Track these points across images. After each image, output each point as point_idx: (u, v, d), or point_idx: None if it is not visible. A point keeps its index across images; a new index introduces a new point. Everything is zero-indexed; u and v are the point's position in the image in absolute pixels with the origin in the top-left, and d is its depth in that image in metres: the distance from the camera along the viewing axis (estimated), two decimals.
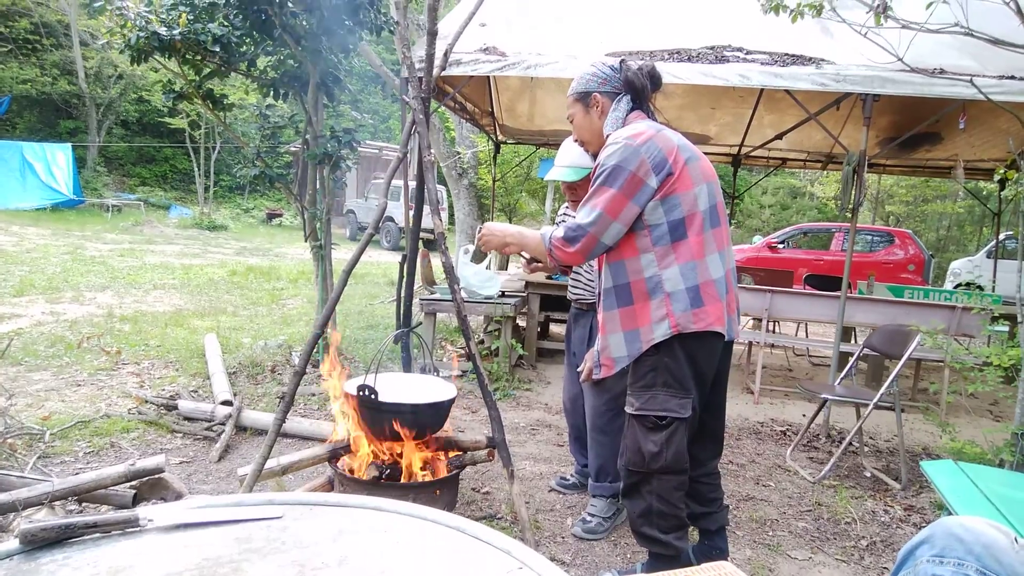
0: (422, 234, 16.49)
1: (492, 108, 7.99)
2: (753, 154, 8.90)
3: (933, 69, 4.65)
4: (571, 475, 3.38)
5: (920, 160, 8.83)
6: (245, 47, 4.62)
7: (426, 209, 12.56)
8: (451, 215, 9.86)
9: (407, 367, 2.93)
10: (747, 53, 5.01)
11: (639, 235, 2.11)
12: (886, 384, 3.69)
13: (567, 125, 7.99)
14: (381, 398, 2.33)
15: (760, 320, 6.01)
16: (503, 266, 9.92)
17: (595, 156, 2.27)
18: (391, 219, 17.33)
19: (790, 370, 6.78)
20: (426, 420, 2.43)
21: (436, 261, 9.32)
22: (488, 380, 5.03)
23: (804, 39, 5.02)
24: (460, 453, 2.72)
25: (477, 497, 3.14)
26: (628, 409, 2.20)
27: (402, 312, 2.79)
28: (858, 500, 3.50)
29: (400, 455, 2.48)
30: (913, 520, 3.30)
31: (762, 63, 4.80)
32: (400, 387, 2.66)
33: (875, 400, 3.69)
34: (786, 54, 4.91)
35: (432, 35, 2.53)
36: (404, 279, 2.79)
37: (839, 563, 2.84)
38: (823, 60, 4.82)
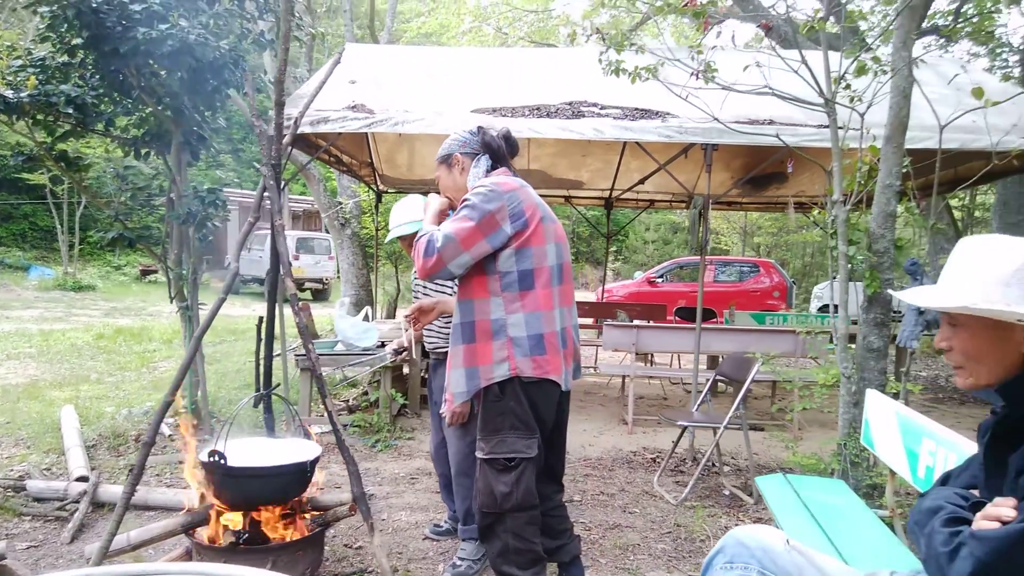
0: (310, 284, 16.34)
1: (371, 159, 8.10)
2: (623, 196, 9.45)
3: (764, 120, 5.22)
4: (445, 521, 3.44)
5: (772, 197, 9.69)
6: (103, 106, 4.52)
7: (313, 259, 12.63)
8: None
9: (271, 429, 2.92)
10: (602, 108, 5.42)
11: (491, 278, 2.27)
12: (733, 408, 4.02)
13: None
14: (232, 463, 2.33)
15: (639, 354, 6.37)
16: (391, 314, 9.93)
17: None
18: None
19: (665, 399, 7.16)
20: (282, 483, 2.45)
21: (320, 312, 9.21)
22: (369, 432, 5.07)
23: (654, 95, 5.49)
24: (323, 511, 2.74)
25: (349, 553, 3.14)
26: (479, 454, 2.33)
27: (263, 373, 2.80)
28: (714, 518, 3.77)
29: (259, 519, 2.47)
30: None
31: (614, 117, 5.21)
32: (261, 450, 2.67)
33: (724, 423, 4.02)
34: (636, 109, 5.35)
35: (280, 105, 2.63)
36: (264, 339, 2.81)
37: None
38: (669, 114, 5.29)
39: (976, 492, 1.43)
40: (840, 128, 3.47)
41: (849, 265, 3.38)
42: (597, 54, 4.23)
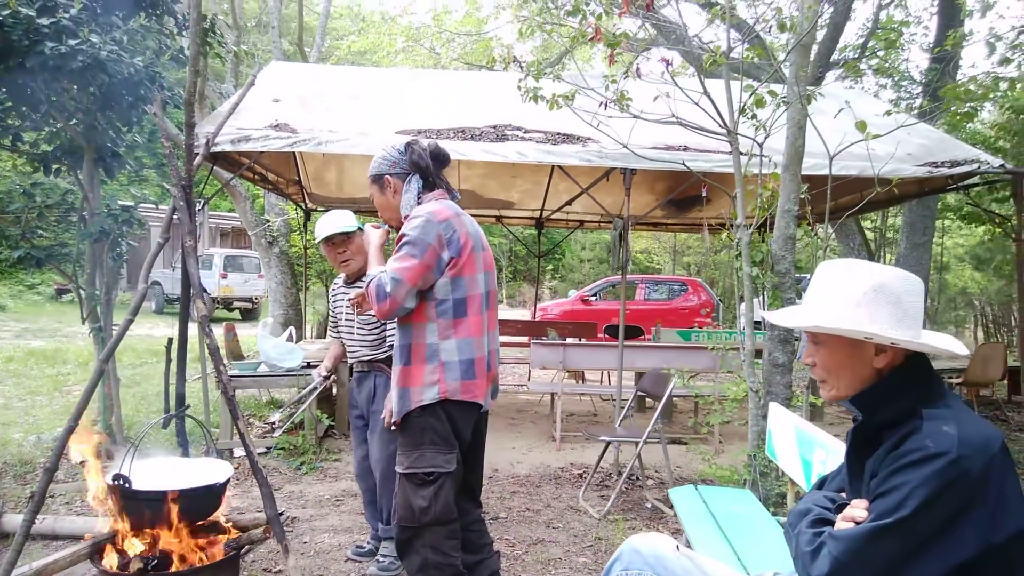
0: (239, 303, 15.92)
1: (299, 177, 8.01)
2: (553, 217, 9.63)
3: (679, 146, 5.45)
4: (368, 542, 3.45)
5: (695, 218, 10.05)
6: (10, 120, 4.35)
7: (243, 278, 12.32)
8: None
9: (184, 450, 2.86)
10: (525, 132, 5.55)
11: (428, 305, 2.34)
12: (651, 422, 4.16)
13: None
14: (137, 486, 2.28)
15: (569, 372, 6.48)
16: (322, 334, 9.77)
17: (397, 230, 2.48)
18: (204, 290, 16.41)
19: (595, 415, 7.29)
20: (192, 504, 2.40)
21: (245, 332, 8.98)
22: (294, 454, 4.98)
23: (576, 120, 5.63)
24: (238, 534, 2.69)
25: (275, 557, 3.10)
26: (398, 468, 2.36)
27: (173, 394, 2.75)
28: (635, 530, 3.88)
29: (167, 544, 2.41)
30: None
31: (537, 141, 5.34)
32: (171, 472, 2.61)
33: (644, 437, 4.14)
34: (559, 133, 5.50)
35: (190, 127, 2.62)
36: (174, 360, 2.76)
37: None
38: (590, 139, 5.45)
39: (844, 495, 1.56)
40: (743, 155, 3.68)
41: (754, 285, 3.58)
42: (517, 81, 4.35)
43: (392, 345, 3.16)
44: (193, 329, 3.16)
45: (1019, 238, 5.46)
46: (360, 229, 3.15)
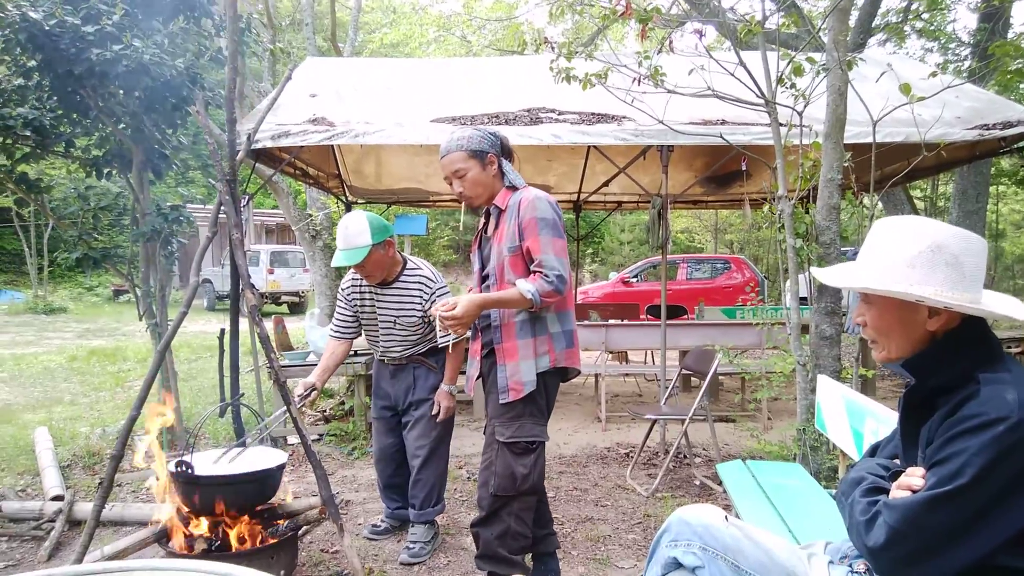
0: (286, 297, 16.25)
1: (338, 171, 8.13)
2: (591, 199, 9.57)
3: (717, 120, 5.36)
4: (381, 520, 3.56)
5: (736, 194, 9.87)
6: (62, 127, 4.53)
7: (288, 273, 12.60)
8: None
9: (240, 437, 2.97)
10: (559, 114, 5.53)
11: None
12: (697, 400, 4.13)
13: (415, 183, 8.26)
14: (199, 472, 2.39)
15: (612, 353, 6.46)
16: None
17: (475, 209, 2.63)
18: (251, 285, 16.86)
19: (640, 395, 7.27)
20: (250, 489, 2.50)
21: (293, 325, 9.21)
22: (345, 440, 5.11)
23: (610, 99, 5.59)
24: (294, 516, 2.79)
25: (325, 557, 3.19)
26: (500, 438, 2.48)
27: (227, 384, 2.85)
28: (683, 506, 3.87)
29: (229, 526, 2.52)
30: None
31: (571, 122, 5.31)
32: (229, 459, 2.71)
33: (690, 414, 4.13)
34: (593, 113, 5.46)
35: (231, 122, 2.69)
36: (226, 351, 2.86)
37: None
38: (625, 117, 5.40)
39: (898, 462, 1.53)
40: (783, 125, 3.60)
41: (798, 257, 3.52)
42: (549, 62, 4.33)
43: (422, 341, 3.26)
44: (244, 323, 3.26)
45: None
46: (375, 245, 3.03)
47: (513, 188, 2.55)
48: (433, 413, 3.22)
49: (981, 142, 4.99)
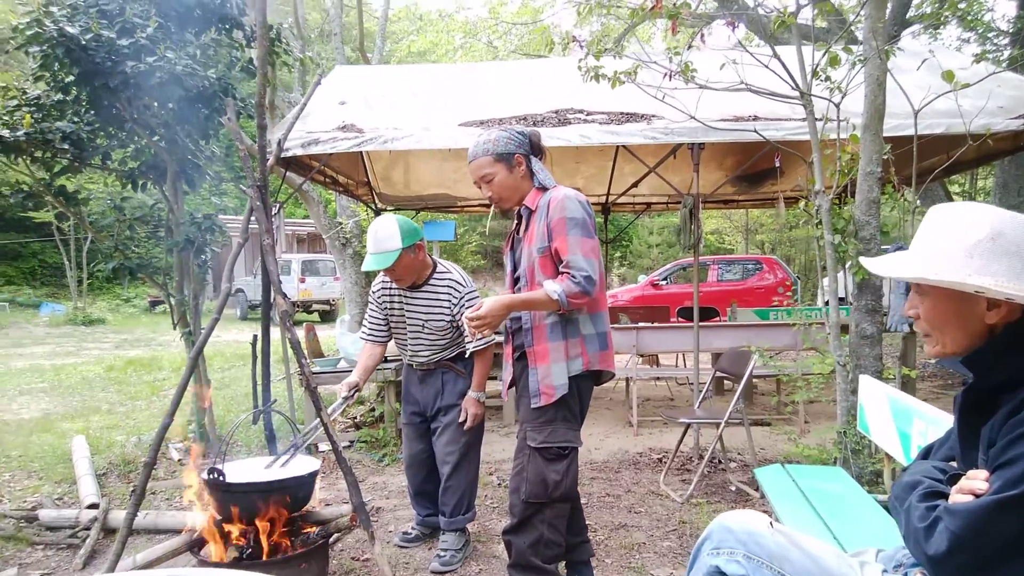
0: (317, 306, 16.31)
1: (367, 178, 8.18)
2: (620, 201, 9.49)
3: (748, 116, 5.26)
4: (412, 528, 3.52)
5: (767, 193, 9.69)
6: (99, 140, 4.62)
7: (319, 281, 12.66)
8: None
9: (272, 446, 2.97)
10: (588, 114, 5.47)
11: None
12: (733, 403, 4.03)
13: (443, 188, 8.26)
14: (231, 479, 2.38)
15: (643, 356, 6.38)
16: None
17: (505, 213, 2.59)
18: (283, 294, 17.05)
19: (672, 399, 7.15)
20: (282, 496, 2.49)
21: (324, 333, 9.27)
22: (376, 446, 5.10)
23: (638, 99, 5.54)
24: (325, 523, 2.77)
25: (356, 566, 3.17)
26: (531, 443, 2.43)
27: (260, 391, 2.85)
28: (719, 513, 3.77)
29: (260, 534, 2.51)
30: None
31: (600, 123, 5.25)
32: (261, 466, 2.71)
33: (726, 418, 4.03)
34: (622, 113, 5.39)
35: (262, 128, 2.70)
36: (259, 358, 2.86)
37: None
38: (654, 116, 5.33)
39: (955, 464, 1.45)
40: (818, 120, 3.50)
41: (836, 254, 3.41)
42: (577, 62, 4.29)
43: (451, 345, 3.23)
44: (276, 331, 3.27)
45: None
46: (405, 248, 3.02)
47: (543, 188, 2.50)
48: (460, 420, 3.18)
49: None
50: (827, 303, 3.50)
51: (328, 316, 18.00)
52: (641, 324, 6.10)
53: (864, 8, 3.41)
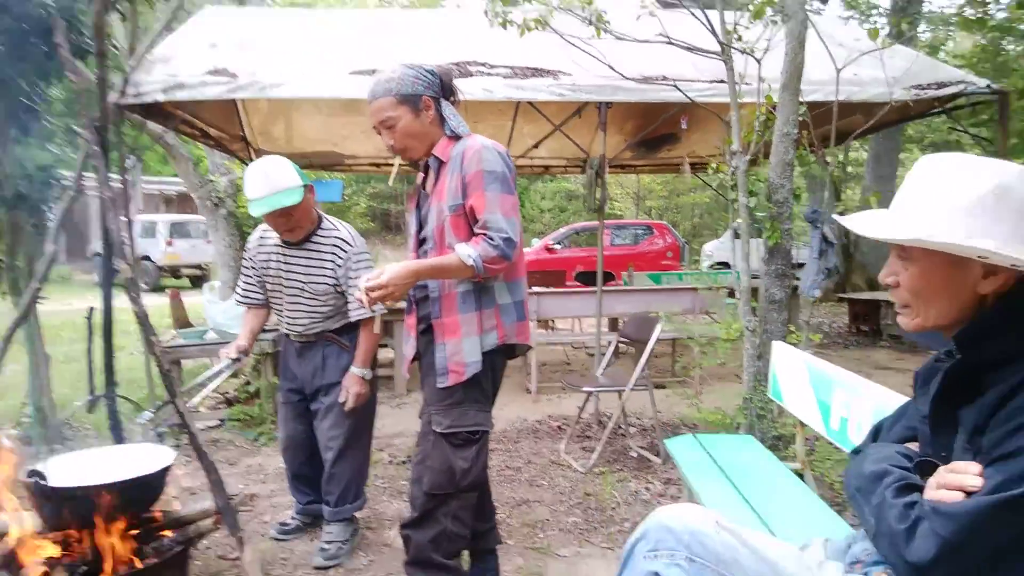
0: (187, 270, 15.06)
1: (243, 132, 7.42)
2: (518, 164, 9.22)
3: (657, 77, 5.09)
4: (292, 518, 3.14)
5: (664, 159, 9.74)
6: None
7: (189, 244, 11.60)
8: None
9: (117, 435, 2.49)
10: (491, 67, 5.12)
11: None
12: (637, 370, 3.91)
13: (329, 145, 7.59)
14: (58, 482, 1.92)
15: (540, 321, 6.20)
16: None
17: (414, 163, 2.23)
18: (148, 258, 15.69)
19: (568, 363, 7.06)
20: (125, 499, 2.04)
21: (195, 299, 8.48)
22: (250, 425, 4.62)
23: (544, 53, 5.23)
24: (185, 526, 2.35)
25: (224, 567, 2.77)
26: (437, 428, 2.13)
27: (101, 372, 2.36)
28: (623, 483, 3.66)
29: (98, 545, 2.06)
30: (671, 492, 3.50)
31: (504, 76, 4.91)
32: (103, 462, 2.24)
33: (630, 386, 3.90)
34: (527, 68, 5.08)
35: (101, 56, 2.17)
36: (96, 333, 2.36)
37: (604, 551, 2.91)
38: (561, 72, 5.05)
39: (915, 446, 1.28)
40: (738, 84, 3.36)
41: (751, 216, 3.31)
42: (482, 10, 3.93)
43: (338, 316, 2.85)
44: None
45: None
46: (306, 186, 2.70)
47: (456, 137, 2.15)
48: (340, 401, 2.79)
49: (915, 102, 4.95)
50: (717, 265, 3.40)
51: (200, 281, 16.69)
52: (540, 289, 5.90)
53: None
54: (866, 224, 1.15)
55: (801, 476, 2.65)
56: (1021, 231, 1.04)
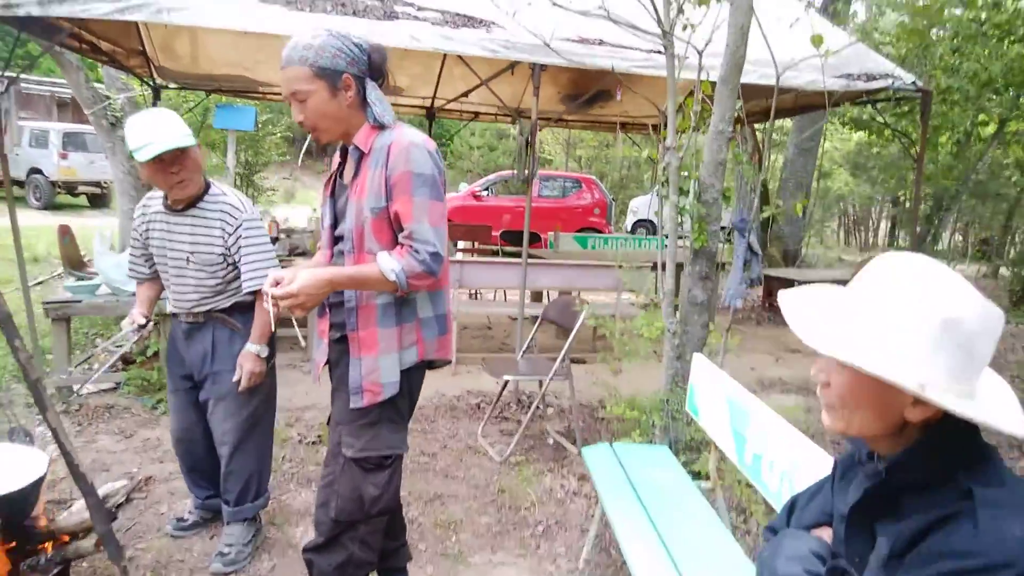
0: (84, 188, 14.04)
1: (142, 47, 6.68)
2: (447, 107, 8.82)
3: (595, 40, 4.87)
4: (188, 513, 2.95)
5: (597, 116, 9.57)
6: None
7: (87, 158, 10.64)
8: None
9: None
10: (419, 9, 4.74)
11: None
12: (559, 360, 3.85)
13: (241, 70, 6.90)
14: None
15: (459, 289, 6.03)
16: None
17: (323, 148, 1.92)
18: (39, 171, 14.24)
19: (489, 328, 6.97)
20: None
21: (94, 221, 7.77)
22: (148, 390, 4.30)
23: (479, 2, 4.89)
24: (64, 544, 2.13)
25: (115, 571, 2.56)
26: (347, 452, 1.97)
27: None
28: (539, 476, 3.63)
29: None
30: (584, 491, 3.49)
31: (433, 23, 4.57)
32: None
33: (550, 375, 3.84)
34: (458, 15, 4.74)
35: None
36: None
37: (518, 558, 2.87)
38: (494, 23, 4.75)
39: (828, 533, 1.26)
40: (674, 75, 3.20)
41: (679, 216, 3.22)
42: None
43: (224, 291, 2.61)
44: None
45: (920, 157, 5.42)
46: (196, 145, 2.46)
47: (381, 126, 1.91)
48: (234, 380, 2.56)
49: (846, 92, 5.01)
50: (642, 221, 3.33)
51: (99, 200, 15.26)
52: (465, 259, 5.72)
53: None
54: (803, 326, 1.08)
55: (713, 492, 2.67)
56: (959, 366, 1.00)
